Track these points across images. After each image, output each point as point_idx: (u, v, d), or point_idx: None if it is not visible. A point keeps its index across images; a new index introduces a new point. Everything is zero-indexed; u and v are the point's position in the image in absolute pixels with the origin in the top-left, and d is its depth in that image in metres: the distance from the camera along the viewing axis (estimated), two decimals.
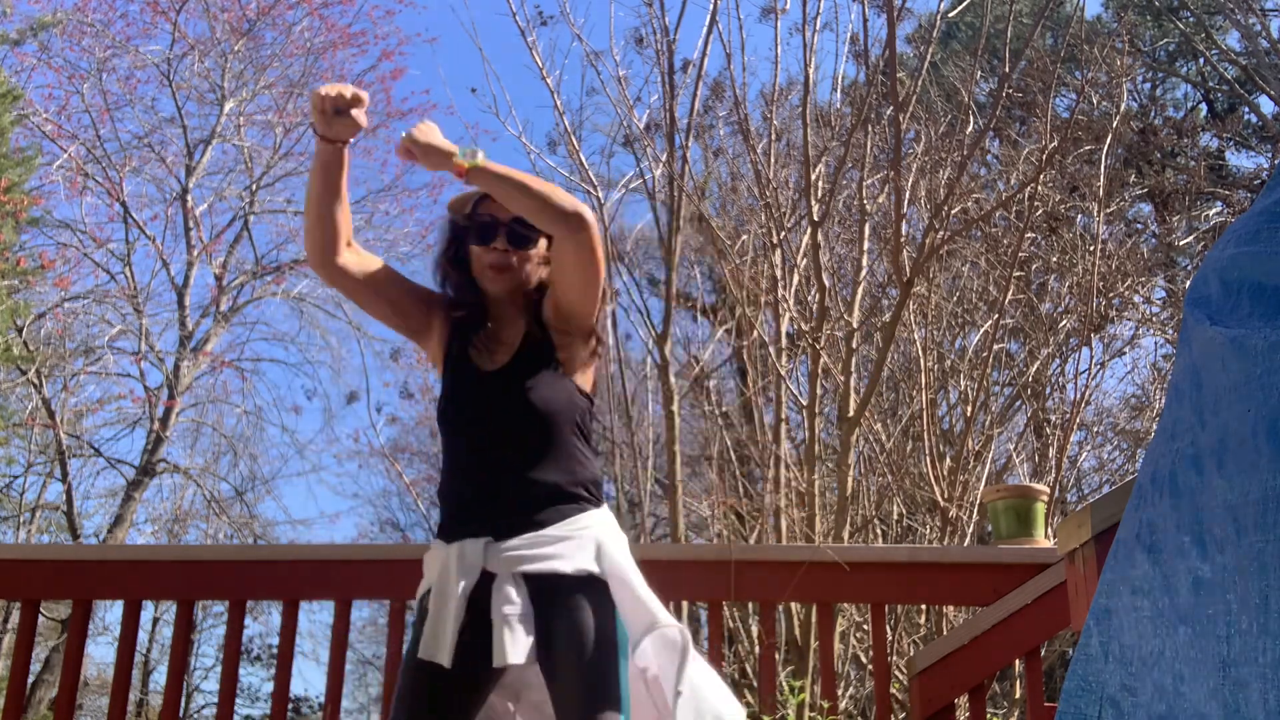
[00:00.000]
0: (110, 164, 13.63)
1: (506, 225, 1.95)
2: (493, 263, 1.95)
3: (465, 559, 1.80)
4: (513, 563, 1.79)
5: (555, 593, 1.78)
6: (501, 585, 1.78)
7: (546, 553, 1.80)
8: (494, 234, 1.95)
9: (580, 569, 1.80)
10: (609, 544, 1.87)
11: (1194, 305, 0.69)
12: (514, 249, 1.95)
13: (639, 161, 6.06)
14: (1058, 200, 7.31)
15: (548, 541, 1.81)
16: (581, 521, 1.86)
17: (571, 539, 1.83)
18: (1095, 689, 0.70)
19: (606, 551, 1.85)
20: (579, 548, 1.83)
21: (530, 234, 1.96)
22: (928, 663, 2.61)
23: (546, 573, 1.79)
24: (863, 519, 5.74)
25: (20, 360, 11.88)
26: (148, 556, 3.07)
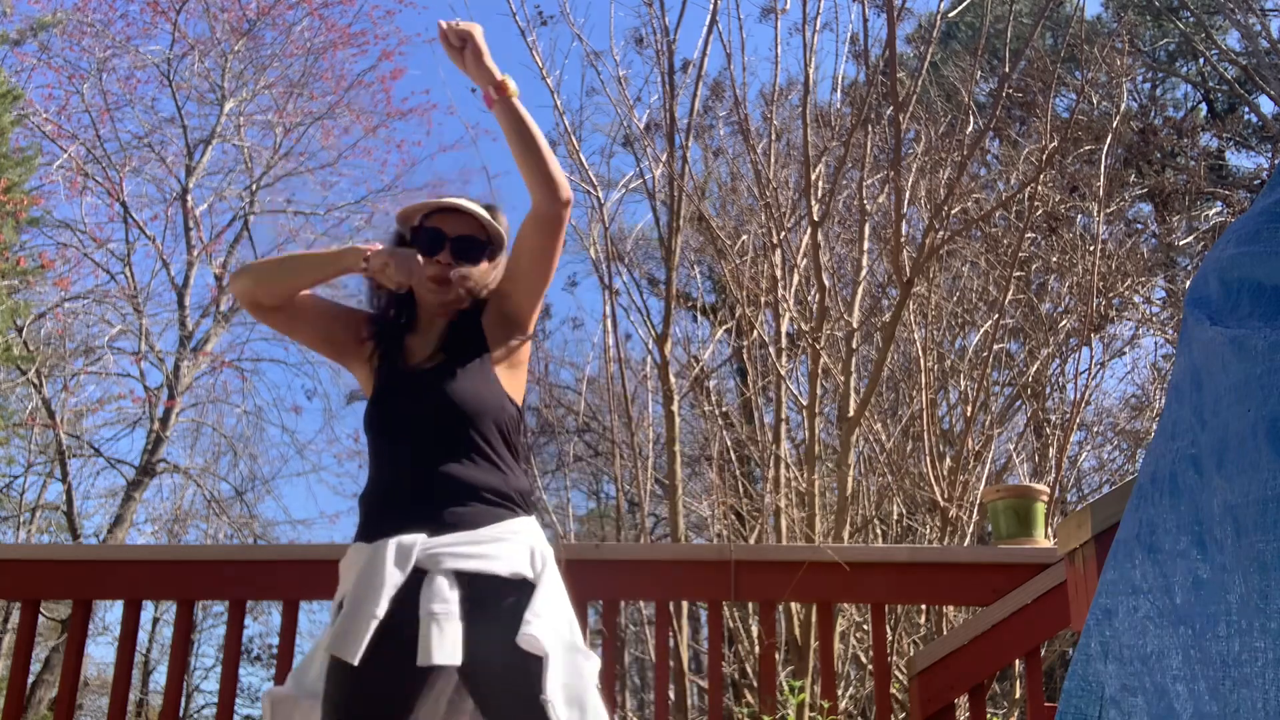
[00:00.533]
0: (110, 164, 13.64)
1: (452, 240, 1.96)
2: (434, 274, 1.93)
3: (399, 555, 1.73)
4: (447, 559, 1.74)
5: (487, 594, 1.73)
6: (433, 581, 1.71)
7: (482, 551, 1.76)
8: (439, 247, 1.95)
9: (514, 572, 1.76)
10: (540, 551, 1.83)
11: (1194, 305, 0.69)
12: (457, 263, 1.95)
13: (639, 161, 6.06)
14: (1058, 200, 7.31)
15: (482, 541, 1.77)
16: (513, 526, 1.82)
17: (505, 540, 1.79)
18: (1095, 689, 0.70)
19: (539, 557, 1.82)
20: (513, 550, 1.79)
21: (475, 251, 1.98)
22: (928, 663, 2.61)
23: (481, 572, 1.74)
24: (863, 519, 5.74)
25: (20, 360, 11.88)
26: (148, 556, 3.07)
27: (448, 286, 1.95)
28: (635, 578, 2.83)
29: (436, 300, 1.96)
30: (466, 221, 1.99)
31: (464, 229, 1.98)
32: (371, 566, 1.74)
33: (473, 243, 1.98)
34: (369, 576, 1.73)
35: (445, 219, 1.98)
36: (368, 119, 14.96)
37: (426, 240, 1.96)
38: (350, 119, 14.95)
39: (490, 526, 1.80)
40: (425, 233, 1.97)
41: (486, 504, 1.82)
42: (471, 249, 1.97)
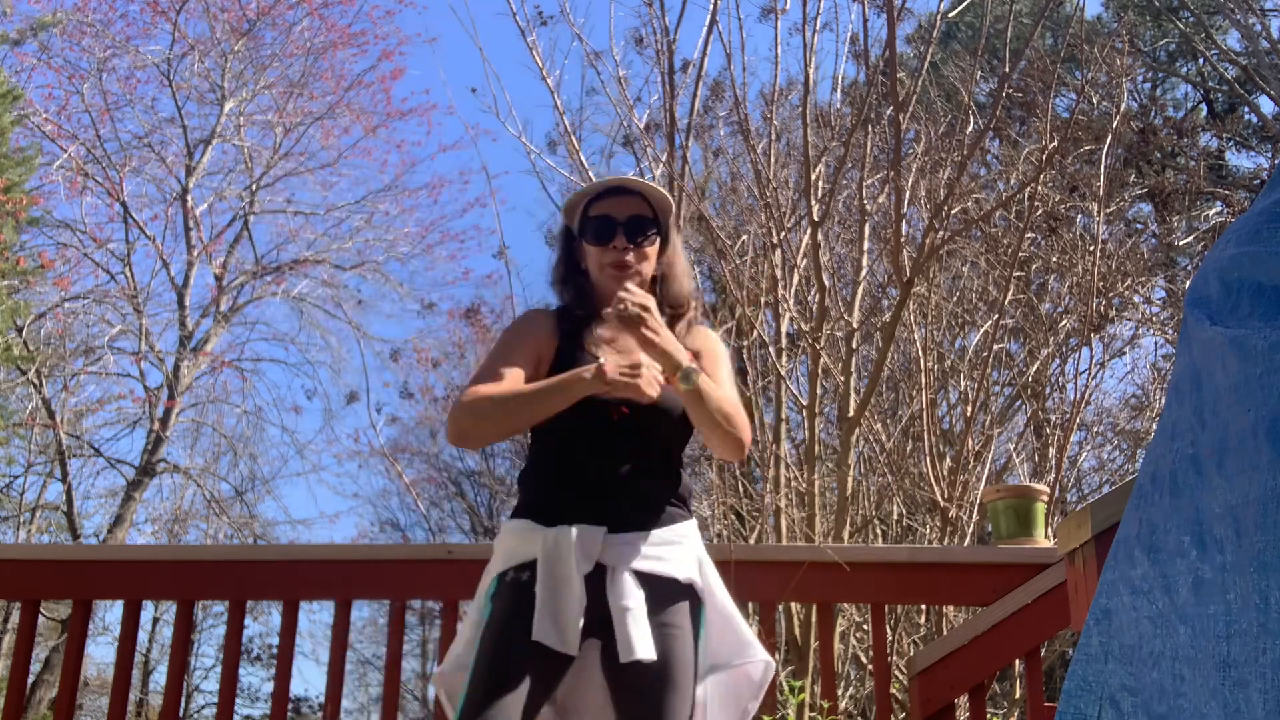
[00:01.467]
0: (110, 164, 13.64)
1: (623, 224, 1.92)
2: (612, 262, 1.91)
3: (585, 545, 1.73)
4: (629, 556, 1.75)
5: (662, 596, 1.76)
6: (619, 577, 1.73)
7: (658, 553, 1.78)
8: (611, 233, 1.92)
9: (687, 577, 1.80)
10: (705, 557, 1.88)
11: (1194, 305, 0.69)
12: (632, 246, 1.92)
13: (639, 161, 6.06)
14: (1058, 200, 7.31)
15: (659, 542, 1.79)
16: (682, 530, 1.85)
17: (677, 544, 1.82)
18: (1095, 689, 0.70)
19: (704, 565, 1.86)
20: (684, 554, 1.82)
21: (647, 229, 1.94)
22: (928, 663, 2.61)
23: (658, 574, 1.76)
24: (863, 519, 5.74)
25: (20, 360, 11.88)
26: (148, 556, 3.07)
27: (627, 271, 1.91)
28: None
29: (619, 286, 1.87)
30: (632, 201, 1.95)
31: (632, 209, 1.94)
32: (562, 554, 1.72)
33: (644, 222, 1.93)
34: (558, 564, 1.72)
35: (610, 203, 1.94)
36: (368, 119, 14.97)
37: (597, 229, 1.93)
38: (350, 119, 14.96)
39: (665, 529, 1.82)
40: (594, 222, 1.94)
41: (664, 506, 1.84)
42: (643, 227, 1.93)
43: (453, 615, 2.78)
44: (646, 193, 1.95)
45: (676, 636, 1.73)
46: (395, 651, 2.74)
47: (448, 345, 15.25)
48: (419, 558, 2.92)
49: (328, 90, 14.84)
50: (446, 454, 15.87)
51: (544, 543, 1.75)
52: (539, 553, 1.75)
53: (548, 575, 1.72)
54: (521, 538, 1.81)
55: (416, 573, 2.76)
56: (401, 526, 17.13)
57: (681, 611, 1.77)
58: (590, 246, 1.95)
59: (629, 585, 1.72)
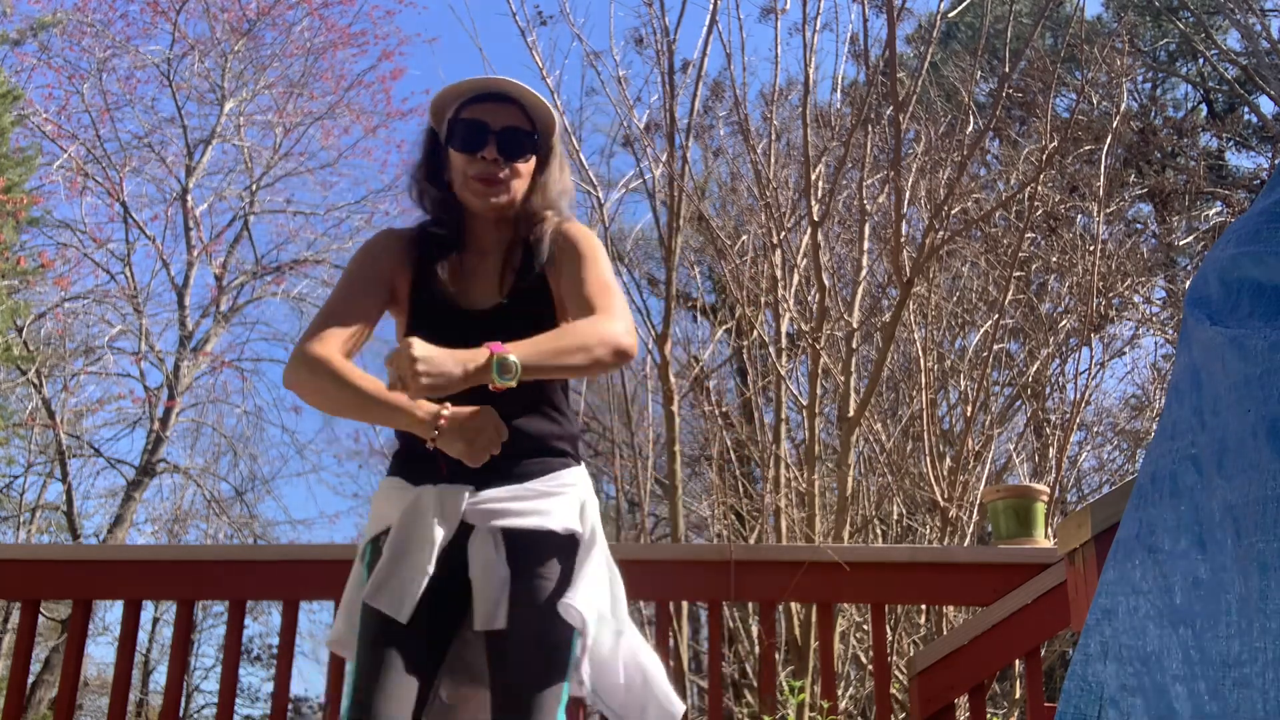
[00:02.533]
0: (110, 164, 13.64)
1: (497, 132, 1.73)
2: (478, 174, 1.73)
3: (445, 506, 1.63)
4: (494, 515, 1.64)
5: (530, 550, 1.65)
6: (481, 541, 1.63)
7: (529, 508, 1.66)
8: (482, 141, 1.72)
9: (564, 527, 1.67)
10: (590, 506, 1.75)
11: (1194, 305, 0.69)
12: (504, 159, 1.73)
13: (639, 161, 6.06)
14: (1058, 200, 7.31)
15: (531, 495, 1.67)
16: (566, 478, 1.73)
17: (555, 495, 1.70)
18: (1095, 689, 0.70)
19: (588, 514, 1.73)
20: (563, 505, 1.69)
21: (524, 143, 1.75)
22: (928, 663, 2.61)
23: (526, 529, 1.65)
24: (863, 519, 5.74)
25: (20, 360, 11.88)
26: (148, 556, 3.07)
27: (496, 186, 1.74)
28: (635, 578, 2.81)
29: (483, 205, 1.75)
30: (510, 110, 1.75)
31: (509, 119, 1.74)
32: (417, 515, 1.64)
33: (520, 135, 1.74)
34: (414, 527, 1.63)
35: (485, 108, 1.73)
36: (368, 119, 14.97)
37: (467, 134, 1.73)
38: (350, 119, 14.95)
39: (543, 479, 1.70)
40: (465, 125, 1.73)
41: (541, 454, 1.72)
42: (520, 143, 1.74)
43: None
44: (527, 101, 1.76)
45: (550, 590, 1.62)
46: None
47: None
48: None
49: (328, 90, 14.85)
50: None
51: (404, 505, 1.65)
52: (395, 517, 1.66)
53: (396, 538, 1.63)
54: (387, 498, 1.71)
55: None
56: None
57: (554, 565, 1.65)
58: (456, 154, 1.74)
59: (489, 548, 1.61)
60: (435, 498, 1.65)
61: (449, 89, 1.77)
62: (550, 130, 1.81)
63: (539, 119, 1.78)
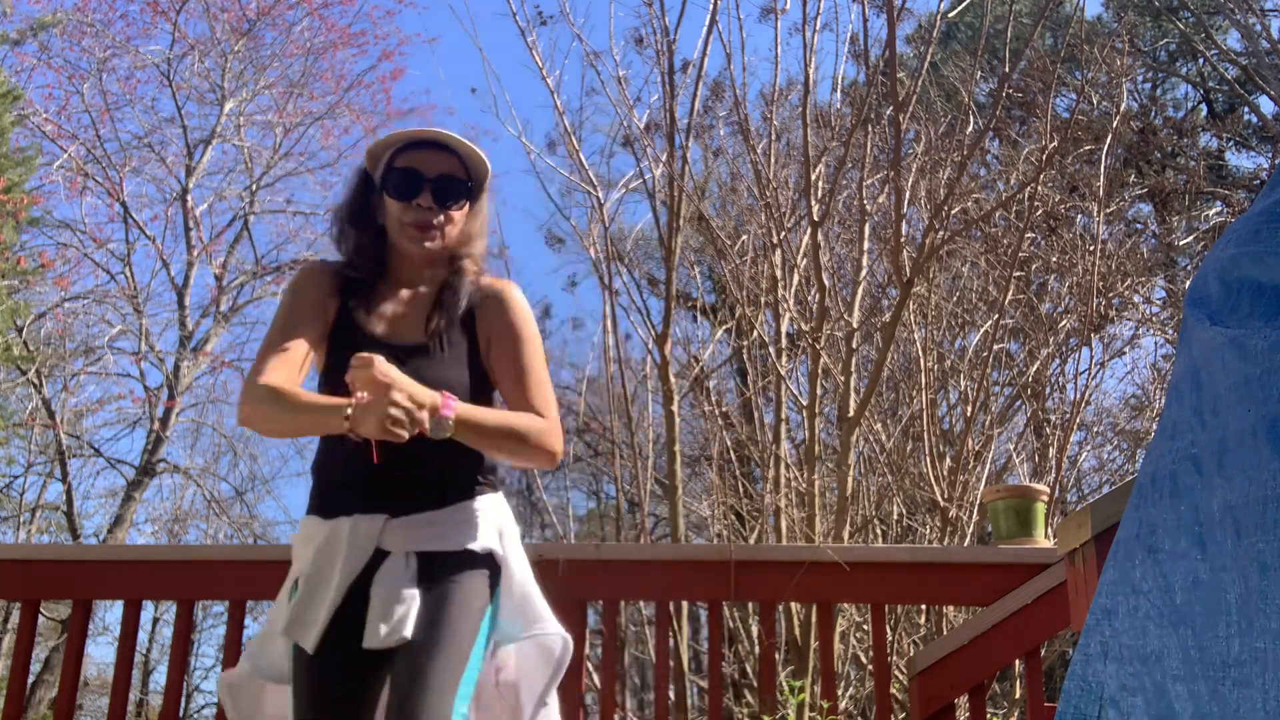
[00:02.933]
0: (110, 164, 13.64)
1: (432, 181, 1.76)
2: (414, 221, 1.76)
3: (358, 535, 1.66)
4: (408, 541, 1.67)
5: (441, 568, 1.66)
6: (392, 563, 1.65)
7: (442, 530, 1.69)
8: (418, 189, 1.76)
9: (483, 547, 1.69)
10: (508, 528, 1.78)
11: (1194, 305, 0.69)
12: (439, 207, 1.77)
13: (639, 161, 6.06)
14: (1058, 200, 7.31)
15: (444, 520, 1.70)
16: (479, 504, 1.75)
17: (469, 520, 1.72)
18: (1095, 689, 0.70)
19: (505, 535, 1.76)
20: (476, 526, 1.72)
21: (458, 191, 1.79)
22: (928, 663, 2.61)
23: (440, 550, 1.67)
24: (863, 519, 5.74)
25: (20, 360, 11.88)
26: (148, 556, 3.07)
27: (430, 232, 1.77)
28: (635, 578, 2.83)
29: (417, 250, 1.78)
30: (444, 158, 1.79)
31: (443, 167, 1.78)
32: (330, 547, 1.67)
33: (454, 184, 1.78)
34: (327, 558, 1.66)
35: (421, 155, 1.77)
36: (368, 119, 14.96)
37: (401, 182, 1.76)
38: (350, 119, 14.96)
39: (455, 506, 1.72)
40: (399, 174, 1.77)
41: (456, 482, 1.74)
42: (453, 191, 1.78)
43: None
44: (461, 151, 1.80)
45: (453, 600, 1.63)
46: None
47: None
48: None
49: (328, 90, 14.86)
50: None
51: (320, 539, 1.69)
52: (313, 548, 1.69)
53: (311, 571, 1.67)
54: (305, 538, 1.74)
55: None
56: None
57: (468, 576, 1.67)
58: (391, 200, 1.78)
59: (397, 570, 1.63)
60: (349, 527, 1.67)
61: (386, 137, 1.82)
62: (484, 180, 1.85)
63: (473, 168, 1.82)
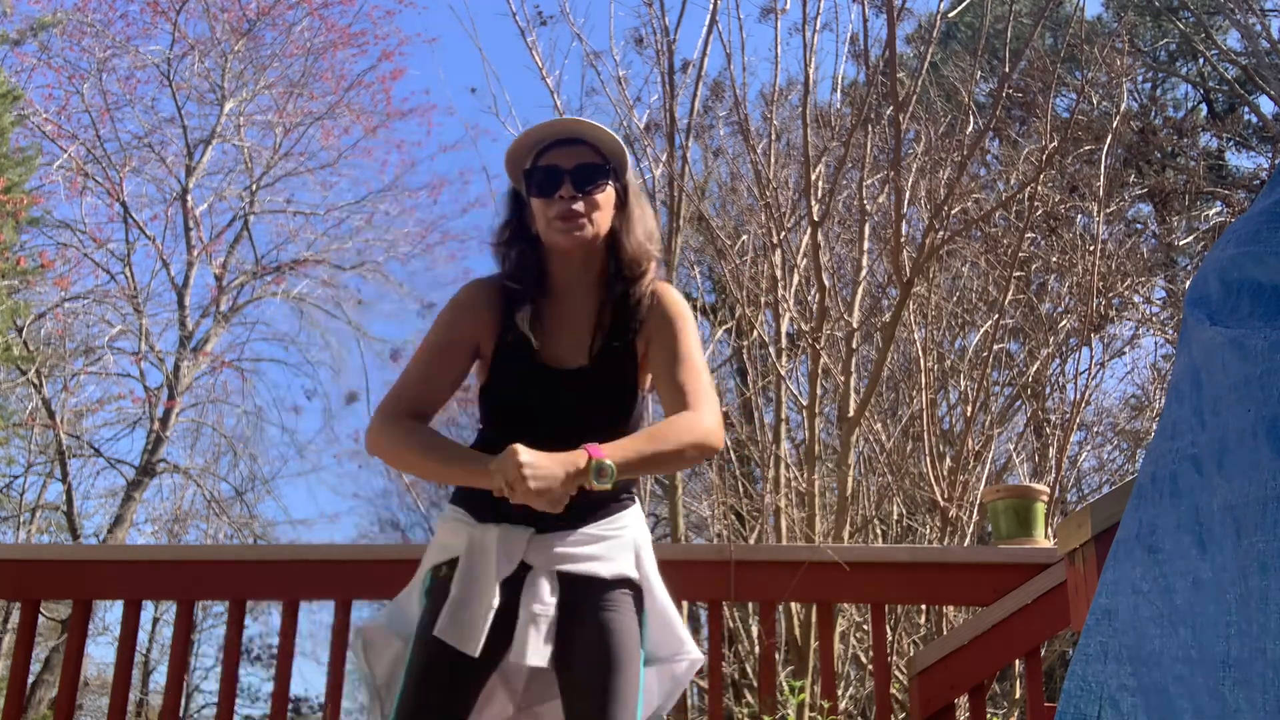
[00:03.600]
0: (110, 164, 13.65)
1: (570, 171, 1.79)
2: (559, 213, 1.78)
3: (509, 547, 1.70)
4: (553, 560, 1.72)
5: (588, 596, 1.72)
6: (536, 581, 1.70)
7: (587, 553, 1.74)
8: (557, 183, 1.79)
9: (618, 574, 1.75)
10: (645, 549, 1.83)
11: (1194, 305, 0.69)
12: (580, 195, 1.79)
13: (639, 161, 6.06)
14: (1058, 200, 7.31)
15: (588, 540, 1.75)
16: (621, 521, 1.80)
17: (611, 539, 1.77)
18: (1095, 689, 0.70)
19: (643, 557, 1.82)
20: (619, 549, 1.77)
21: (596, 174, 1.81)
22: (928, 663, 2.61)
23: (584, 575, 1.73)
24: (863, 519, 5.74)
25: (20, 360, 11.88)
26: (148, 556, 3.07)
27: (577, 221, 1.79)
28: None
29: (570, 243, 1.80)
30: (578, 150, 1.82)
31: (580, 158, 1.81)
32: (483, 555, 1.71)
33: (593, 170, 1.80)
34: (481, 565, 1.70)
35: (557, 154, 1.80)
36: (368, 119, 14.98)
37: (542, 181, 1.80)
38: (350, 119, 14.97)
39: (599, 524, 1.77)
40: (539, 174, 1.80)
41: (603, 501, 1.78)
42: (591, 175, 1.80)
43: None
44: (596, 139, 1.82)
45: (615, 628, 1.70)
46: None
47: None
48: (419, 558, 2.91)
49: (328, 90, 14.86)
50: None
51: (469, 541, 1.73)
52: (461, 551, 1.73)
53: (464, 574, 1.70)
54: (452, 531, 1.78)
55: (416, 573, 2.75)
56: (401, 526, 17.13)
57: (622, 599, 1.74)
58: (536, 200, 1.81)
59: (544, 590, 1.69)
60: (498, 536, 1.72)
61: (520, 140, 1.83)
62: (623, 163, 1.86)
63: (610, 153, 1.84)
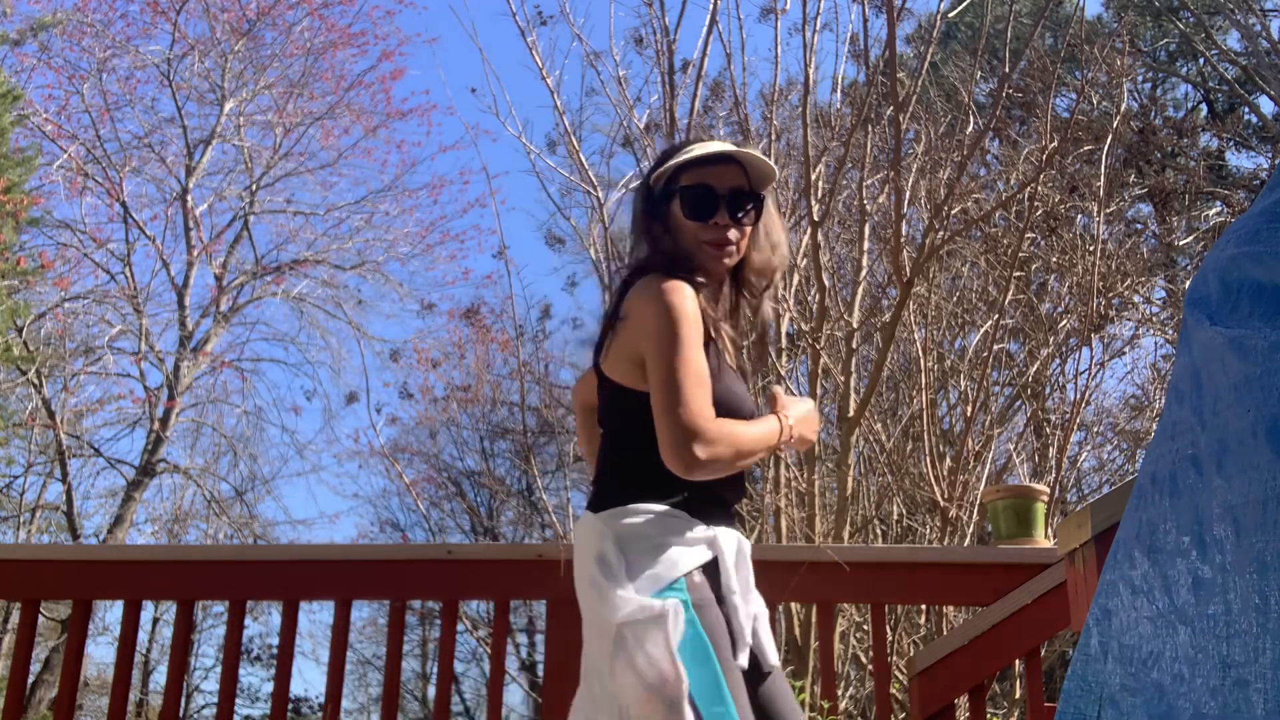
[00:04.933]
0: (110, 164, 13.64)
1: (724, 196, 1.77)
2: (713, 239, 1.76)
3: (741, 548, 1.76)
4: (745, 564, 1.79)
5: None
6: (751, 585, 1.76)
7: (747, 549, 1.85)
8: (714, 208, 1.76)
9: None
10: None
11: (1194, 305, 0.69)
12: (734, 222, 1.77)
13: (639, 161, 6.06)
14: (1058, 200, 7.31)
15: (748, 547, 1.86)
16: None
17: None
18: (1095, 689, 0.70)
19: None
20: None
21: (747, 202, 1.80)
22: (928, 663, 2.61)
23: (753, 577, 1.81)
24: (863, 519, 5.74)
25: (20, 360, 11.88)
26: (148, 556, 3.07)
27: (727, 249, 1.77)
28: None
29: (718, 268, 1.78)
30: (732, 171, 1.79)
31: (732, 181, 1.78)
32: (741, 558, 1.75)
33: (743, 197, 1.79)
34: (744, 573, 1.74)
35: (709, 171, 1.78)
36: (368, 119, 14.97)
37: (697, 202, 1.77)
38: (350, 119, 14.96)
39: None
40: (693, 192, 1.77)
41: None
42: (743, 204, 1.79)
43: (452, 615, 2.78)
44: (746, 162, 1.80)
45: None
46: (395, 651, 2.74)
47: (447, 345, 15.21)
48: (419, 557, 2.92)
49: (328, 90, 14.85)
50: (446, 454, 15.87)
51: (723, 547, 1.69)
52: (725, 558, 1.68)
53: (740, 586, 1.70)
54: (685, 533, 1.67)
55: (416, 573, 2.76)
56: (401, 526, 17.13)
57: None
58: (688, 220, 1.78)
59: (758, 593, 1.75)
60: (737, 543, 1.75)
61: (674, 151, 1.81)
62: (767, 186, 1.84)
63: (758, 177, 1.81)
